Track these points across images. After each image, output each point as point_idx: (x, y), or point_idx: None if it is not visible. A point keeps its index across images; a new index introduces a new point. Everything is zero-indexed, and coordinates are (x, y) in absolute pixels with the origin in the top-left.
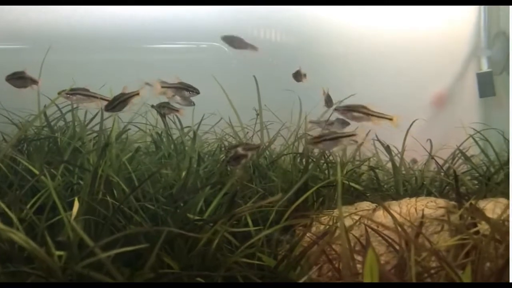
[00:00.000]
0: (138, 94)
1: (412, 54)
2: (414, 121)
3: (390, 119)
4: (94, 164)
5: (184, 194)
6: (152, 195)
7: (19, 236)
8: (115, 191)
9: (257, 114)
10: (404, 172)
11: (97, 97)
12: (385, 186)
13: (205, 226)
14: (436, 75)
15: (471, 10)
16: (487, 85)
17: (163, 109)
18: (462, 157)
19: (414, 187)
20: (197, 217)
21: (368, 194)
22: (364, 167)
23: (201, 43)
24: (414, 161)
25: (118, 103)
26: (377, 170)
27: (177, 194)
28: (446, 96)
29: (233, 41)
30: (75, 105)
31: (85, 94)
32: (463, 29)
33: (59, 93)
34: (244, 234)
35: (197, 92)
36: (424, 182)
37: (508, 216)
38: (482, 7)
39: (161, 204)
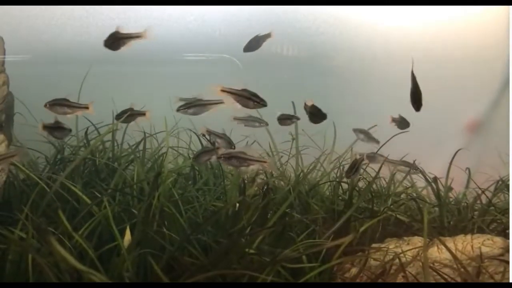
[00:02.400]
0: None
1: (445, 79)
2: (458, 151)
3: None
4: (147, 194)
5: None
6: (203, 228)
7: (98, 277)
8: (165, 222)
9: (293, 139)
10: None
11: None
12: (429, 216)
13: (256, 259)
14: (470, 101)
15: (506, 36)
16: None
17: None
18: (505, 189)
19: (458, 218)
20: (252, 251)
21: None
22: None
23: (212, 55)
24: (450, 188)
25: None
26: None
27: (231, 227)
28: (479, 122)
29: (251, 47)
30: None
31: (64, 104)
32: (497, 57)
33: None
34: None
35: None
36: (474, 217)
37: None
38: None
39: (212, 235)
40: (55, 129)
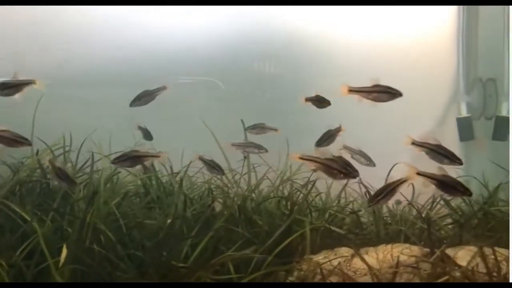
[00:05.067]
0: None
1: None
2: (394, 165)
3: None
4: (82, 212)
5: (170, 241)
6: (138, 241)
7: None
8: (102, 238)
9: (245, 157)
10: (387, 215)
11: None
12: (368, 229)
13: (189, 272)
14: (417, 118)
15: (451, 55)
16: (466, 129)
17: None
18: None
19: (395, 230)
20: (181, 265)
21: (351, 238)
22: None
23: (196, 78)
24: (398, 202)
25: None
26: (362, 213)
27: (163, 241)
28: (427, 137)
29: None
30: None
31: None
32: (443, 74)
33: None
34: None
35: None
36: (402, 228)
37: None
38: (460, 53)
39: (147, 251)
40: None
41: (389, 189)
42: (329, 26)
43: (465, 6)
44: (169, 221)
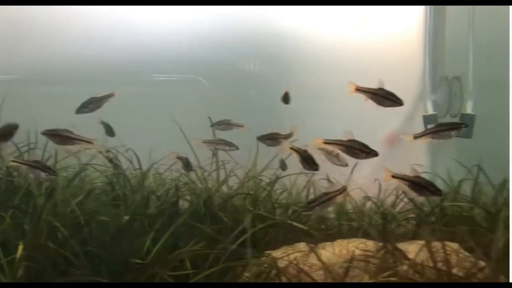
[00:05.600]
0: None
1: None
2: (356, 164)
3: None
4: (40, 209)
5: (129, 237)
6: (97, 238)
7: None
8: (59, 235)
9: (213, 154)
10: (351, 210)
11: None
12: (331, 224)
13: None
14: (384, 116)
15: (418, 54)
16: None
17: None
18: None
19: (357, 226)
20: (137, 261)
21: (313, 234)
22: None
23: (180, 76)
24: (367, 198)
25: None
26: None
27: (121, 238)
28: (396, 136)
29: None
30: None
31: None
32: (410, 73)
33: None
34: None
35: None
36: (363, 223)
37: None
38: (426, 52)
39: (105, 248)
40: None
41: (326, 198)
42: (304, 25)
43: (432, 6)
44: (126, 218)
